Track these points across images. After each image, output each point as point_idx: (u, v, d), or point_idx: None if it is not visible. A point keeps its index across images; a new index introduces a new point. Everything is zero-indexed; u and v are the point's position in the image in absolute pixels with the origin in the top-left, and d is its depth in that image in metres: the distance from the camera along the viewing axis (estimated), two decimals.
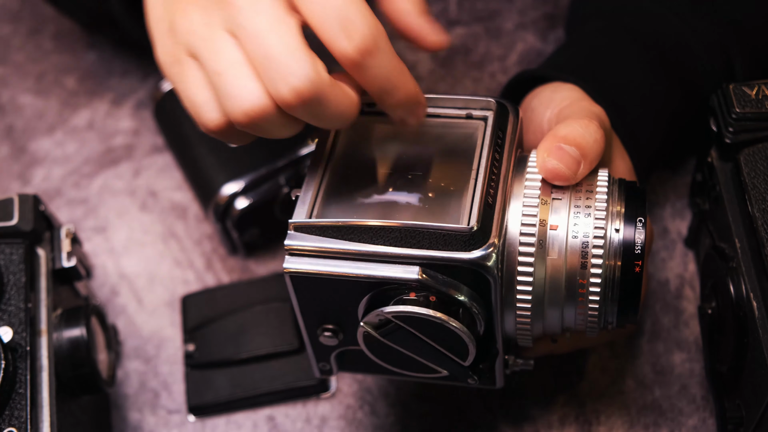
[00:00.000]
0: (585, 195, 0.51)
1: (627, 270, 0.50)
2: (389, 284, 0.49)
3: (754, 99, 0.59)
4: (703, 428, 0.61)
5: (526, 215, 0.50)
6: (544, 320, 0.52)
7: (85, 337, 0.57)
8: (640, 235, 0.50)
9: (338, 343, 0.53)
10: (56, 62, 0.84)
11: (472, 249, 0.48)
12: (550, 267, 0.50)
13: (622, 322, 0.52)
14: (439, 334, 0.49)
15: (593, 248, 0.50)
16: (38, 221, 0.60)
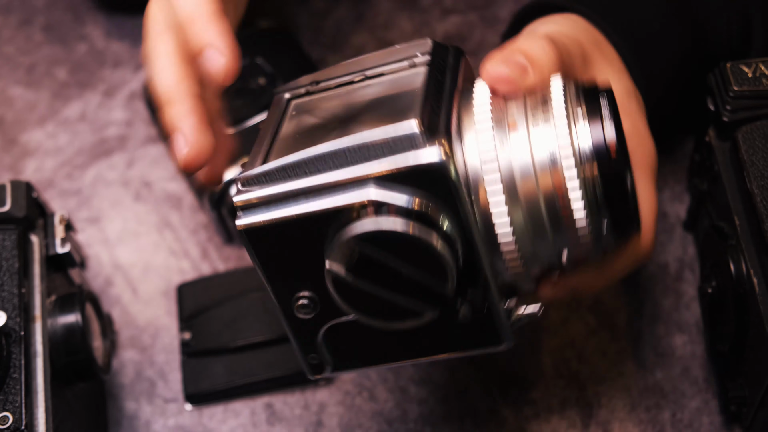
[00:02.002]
0: (541, 104, 0.47)
1: (605, 166, 0.45)
2: (345, 214, 0.44)
3: (752, 77, 0.58)
4: (705, 410, 0.61)
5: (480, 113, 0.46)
6: (533, 241, 0.47)
7: (80, 323, 0.57)
8: (609, 128, 0.46)
9: (316, 315, 0.48)
10: (47, 54, 0.83)
11: (423, 146, 0.43)
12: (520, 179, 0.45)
13: (621, 234, 0.47)
14: (411, 255, 0.44)
15: (562, 154, 0.45)
16: (31, 208, 0.59)
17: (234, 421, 0.63)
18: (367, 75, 0.52)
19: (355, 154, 0.44)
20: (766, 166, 0.55)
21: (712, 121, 0.60)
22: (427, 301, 0.46)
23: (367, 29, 0.81)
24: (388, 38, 0.81)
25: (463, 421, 0.62)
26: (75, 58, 0.83)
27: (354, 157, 0.45)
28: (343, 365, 0.51)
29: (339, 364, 0.50)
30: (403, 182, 0.44)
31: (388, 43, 0.80)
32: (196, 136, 0.50)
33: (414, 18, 0.82)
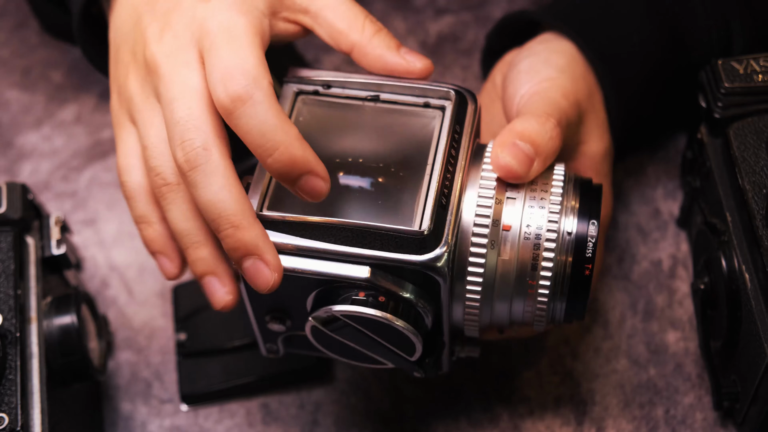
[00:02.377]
0: (540, 193, 0.51)
1: (577, 270, 0.50)
2: (339, 282, 0.49)
3: (743, 74, 0.59)
4: (699, 406, 0.61)
5: (480, 215, 0.50)
6: (492, 313, 0.52)
7: (75, 324, 0.57)
8: (592, 234, 0.50)
9: (285, 329, 0.54)
10: (42, 56, 0.83)
11: (424, 252, 0.48)
12: (501, 265, 0.50)
13: (570, 319, 0.52)
14: (387, 332, 0.50)
15: (545, 249, 0.50)
16: (27, 209, 0.60)
17: (230, 421, 0.63)
18: (381, 98, 0.53)
19: (360, 235, 0.48)
20: (757, 163, 0.56)
21: (704, 118, 0.60)
22: (390, 359, 0.52)
23: None
24: None
25: (458, 420, 0.62)
26: (70, 60, 0.83)
27: (358, 238, 0.48)
28: (294, 348, 0.57)
29: (290, 349, 0.57)
30: (397, 271, 0.48)
31: None
32: None
33: (408, 18, 0.82)
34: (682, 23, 0.63)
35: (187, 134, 0.47)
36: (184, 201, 0.50)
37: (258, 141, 0.47)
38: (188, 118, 0.48)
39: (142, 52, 0.51)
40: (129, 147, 0.53)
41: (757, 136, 0.56)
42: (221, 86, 0.47)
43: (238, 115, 0.47)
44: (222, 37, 0.49)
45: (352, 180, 0.51)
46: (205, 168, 0.47)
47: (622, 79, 0.62)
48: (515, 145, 0.51)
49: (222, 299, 0.51)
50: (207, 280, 0.51)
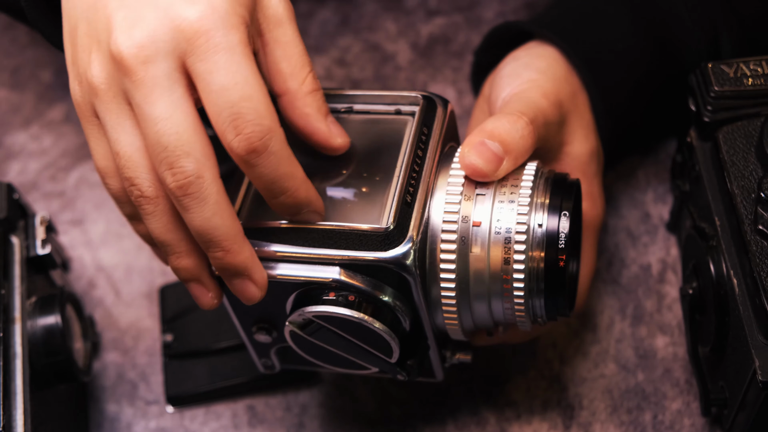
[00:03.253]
0: (510, 189, 0.51)
1: (551, 263, 0.50)
2: (311, 284, 0.49)
3: (733, 77, 0.58)
4: (687, 412, 0.61)
5: (448, 212, 0.50)
6: (473, 314, 0.52)
7: (59, 324, 0.57)
8: (564, 227, 0.50)
9: (273, 340, 0.54)
10: (32, 56, 0.83)
11: (389, 248, 0.48)
12: (473, 262, 0.50)
13: (553, 315, 0.52)
14: (362, 333, 0.50)
15: (515, 243, 0.50)
16: (12, 209, 0.59)
17: (215, 423, 0.63)
18: (354, 109, 0.55)
19: (328, 237, 0.49)
20: (746, 167, 0.55)
21: (694, 122, 0.60)
22: (371, 362, 0.52)
23: (352, 31, 0.81)
24: (373, 40, 0.81)
25: (445, 423, 0.62)
26: (60, 60, 0.83)
27: (326, 239, 0.49)
28: (289, 365, 0.57)
29: (286, 364, 0.57)
30: (367, 272, 0.49)
31: (373, 45, 0.80)
32: None
33: (399, 20, 0.82)
34: (670, 31, 0.63)
35: (177, 162, 0.45)
36: (164, 213, 0.48)
37: (268, 186, 0.47)
38: (177, 143, 0.45)
39: (107, 41, 0.47)
40: (102, 148, 0.50)
41: (746, 140, 0.56)
42: (232, 133, 0.45)
43: (252, 164, 0.46)
44: (219, 59, 0.45)
45: (327, 189, 0.52)
46: (198, 195, 0.46)
47: (607, 85, 0.62)
48: (483, 144, 0.51)
49: (207, 303, 0.51)
50: (191, 285, 0.50)
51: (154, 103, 0.46)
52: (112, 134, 0.48)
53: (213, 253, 0.47)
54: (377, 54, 0.80)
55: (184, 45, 0.46)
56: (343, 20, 0.82)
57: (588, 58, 0.61)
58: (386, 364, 0.52)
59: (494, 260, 0.50)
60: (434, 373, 0.55)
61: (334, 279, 0.48)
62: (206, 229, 0.46)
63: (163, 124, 0.45)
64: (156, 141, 0.45)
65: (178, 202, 0.46)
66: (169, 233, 0.48)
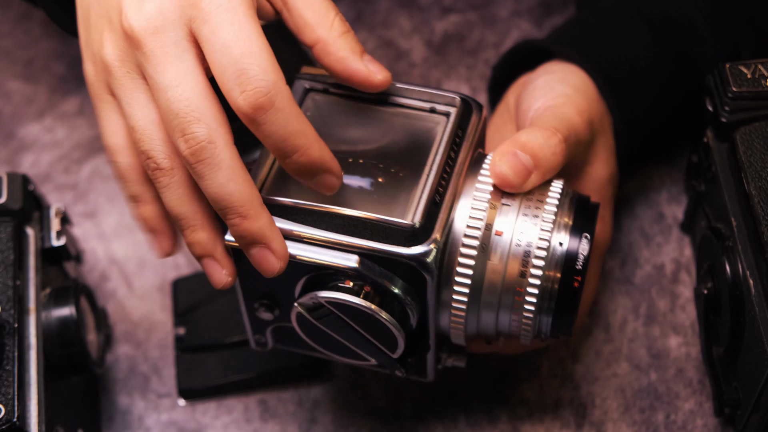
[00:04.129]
0: (535, 204, 0.51)
1: (566, 283, 0.50)
2: (327, 269, 0.49)
3: (751, 78, 0.58)
4: (699, 412, 0.61)
5: (473, 218, 0.50)
6: (479, 322, 0.52)
7: (74, 316, 0.57)
8: (583, 250, 0.50)
9: (273, 318, 0.54)
10: (45, 48, 0.83)
11: (412, 245, 0.48)
12: (489, 271, 0.50)
13: (556, 334, 0.52)
14: (370, 325, 0.50)
15: (534, 258, 0.50)
16: (27, 200, 0.59)
17: (227, 417, 0.63)
18: (388, 101, 0.54)
19: (352, 224, 0.48)
20: (764, 168, 0.55)
21: (711, 122, 0.60)
22: (373, 354, 0.52)
23: (367, 28, 0.81)
24: (387, 37, 0.80)
25: (457, 420, 0.61)
26: (73, 52, 0.83)
27: (350, 227, 0.48)
28: (282, 344, 0.57)
29: (278, 342, 0.57)
30: (385, 263, 0.48)
31: (387, 41, 0.80)
32: None
33: (413, 16, 0.82)
34: (688, 45, 0.63)
35: (189, 127, 0.46)
36: (180, 185, 0.48)
37: (278, 145, 0.46)
38: (188, 110, 0.46)
39: (118, 19, 0.49)
40: (114, 125, 0.51)
41: (764, 141, 0.56)
42: (237, 90, 0.45)
43: (260, 122, 0.46)
44: (222, 19, 0.46)
45: (352, 177, 0.51)
46: (211, 161, 0.46)
47: (627, 102, 0.61)
48: (515, 155, 0.51)
49: (221, 280, 0.50)
50: (205, 261, 0.50)
51: (165, 72, 0.46)
52: (127, 109, 0.49)
53: (230, 220, 0.47)
54: (391, 51, 0.80)
55: (189, 11, 0.47)
56: (358, 16, 0.82)
57: (609, 76, 0.61)
58: (387, 359, 0.52)
59: (510, 272, 0.50)
60: (426, 373, 0.55)
61: (352, 268, 0.48)
62: (222, 195, 0.46)
63: (173, 92, 0.46)
64: (167, 108, 0.46)
65: (192, 170, 0.47)
66: (185, 206, 0.48)
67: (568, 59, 0.62)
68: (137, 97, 0.49)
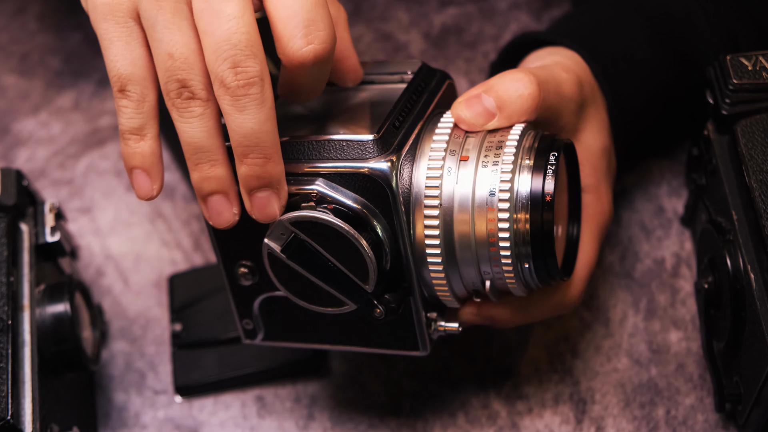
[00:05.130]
0: (494, 152, 0.50)
1: (536, 220, 0.49)
2: (292, 198, 0.49)
3: (751, 70, 0.58)
4: (700, 407, 0.60)
5: (437, 141, 0.50)
6: (459, 269, 0.51)
7: (68, 312, 0.56)
8: (548, 186, 0.49)
9: (254, 284, 0.53)
10: (41, 42, 0.83)
11: (371, 158, 0.48)
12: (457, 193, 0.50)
13: (545, 280, 0.51)
14: (338, 249, 0.49)
15: (500, 196, 0.49)
16: (21, 196, 0.59)
17: (224, 413, 0.63)
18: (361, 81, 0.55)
19: (313, 151, 0.49)
20: (765, 161, 0.55)
21: (711, 115, 0.60)
22: (348, 293, 0.50)
23: (365, 21, 0.81)
24: (385, 30, 0.80)
25: (456, 416, 0.61)
26: (69, 46, 0.82)
27: (311, 153, 0.49)
28: (273, 336, 0.56)
29: (270, 334, 0.56)
30: (348, 185, 0.49)
31: (386, 34, 0.80)
32: None
33: (411, 9, 0.81)
34: (688, 41, 0.63)
35: (245, 61, 0.45)
36: (211, 117, 0.47)
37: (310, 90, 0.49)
38: (247, 44, 0.45)
39: None
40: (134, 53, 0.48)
41: (765, 133, 0.56)
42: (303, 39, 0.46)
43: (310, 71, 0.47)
44: None
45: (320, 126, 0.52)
46: (259, 97, 0.46)
47: (623, 93, 0.61)
48: (477, 98, 0.51)
49: (230, 219, 0.50)
50: (216, 198, 0.49)
51: (228, 2, 0.46)
52: (166, 35, 0.47)
53: (254, 160, 0.47)
54: (389, 44, 0.79)
55: None
56: (356, 9, 0.82)
57: (605, 67, 0.60)
58: (363, 296, 0.50)
59: (479, 223, 0.50)
60: (417, 345, 0.53)
61: (316, 190, 0.49)
62: (258, 133, 0.46)
63: (235, 23, 0.46)
64: (226, 38, 0.45)
65: (235, 103, 0.46)
66: (212, 138, 0.48)
67: (564, 46, 0.61)
68: (179, 23, 0.47)
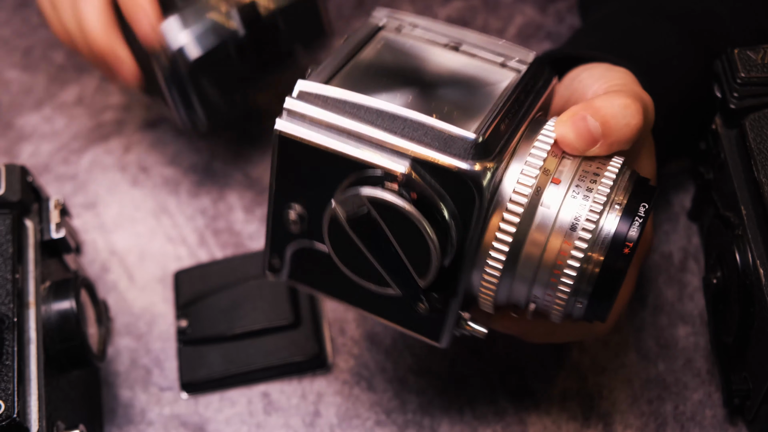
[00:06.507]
0: (591, 177, 0.48)
1: (608, 266, 0.47)
2: (375, 170, 0.47)
3: (760, 63, 0.57)
4: (708, 402, 0.60)
5: (532, 158, 0.48)
6: (512, 283, 0.49)
7: (74, 309, 0.56)
8: (633, 233, 0.47)
9: (299, 231, 0.51)
10: (44, 37, 0.82)
11: (470, 159, 0.45)
12: (529, 242, 0.47)
13: (590, 317, 0.49)
14: (408, 238, 0.47)
15: (581, 231, 0.47)
16: (26, 192, 0.59)
17: (230, 410, 0.62)
18: (460, 49, 0.52)
19: (411, 129, 0.46)
20: None
21: (719, 109, 0.59)
22: (400, 281, 0.49)
23: (368, 14, 0.80)
24: None
25: (463, 412, 0.61)
26: None
27: (409, 131, 0.46)
28: (297, 278, 0.54)
29: (294, 276, 0.54)
30: (438, 175, 0.46)
31: None
32: None
33: (416, 2, 0.81)
34: (715, 39, 0.62)
35: None
36: None
37: None
38: None
39: None
40: None
41: None
42: None
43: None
44: None
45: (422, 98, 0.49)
46: None
47: (666, 102, 0.58)
48: (584, 119, 0.48)
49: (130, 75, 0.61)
50: None
51: None
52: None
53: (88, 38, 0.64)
54: None
55: None
56: (360, 2, 0.81)
57: (646, 72, 0.58)
58: (413, 287, 0.49)
59: (552, 246, 0.47)
60: (441, 335, 0.52)
61: (401, 172, 0.46)
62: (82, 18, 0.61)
63: None
64: None
65: None
66: (72, 24, 0.63)
67: (601, 60, 0.58)
68: None
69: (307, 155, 0.48)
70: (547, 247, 0.47)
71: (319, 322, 0.64)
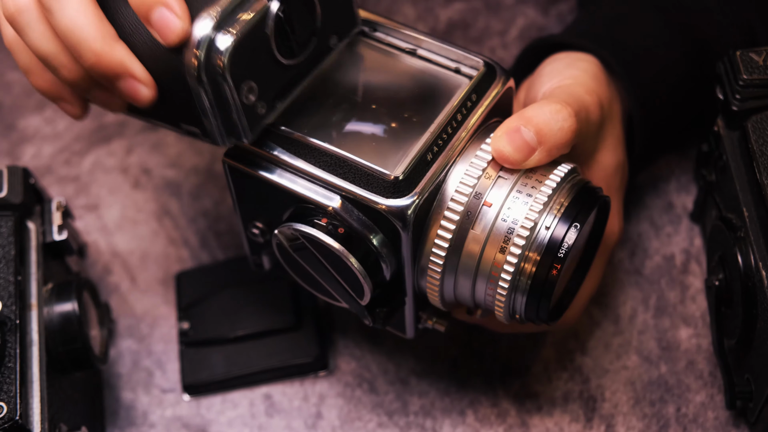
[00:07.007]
0: (533, 182, 0.50)
1: (543, 268, 0.49)
2: (309, 203, 0.50)
3: (762, 65, 0.57)
4: (711, 404, 0.60)
5: (464, 183, 0.50)
6: (455, 288, 0.51)
7: (76, 311, 0.56)
8: (569, 239, 0.48)
9: (264, 243, 0.55)
10: None
11: (391, 197, 0.48)
12: (470, 240, 0.49)
13: (531, 318, 0.51)
14: (340, 267, 0.50)
15: (516, 236, 0.48)
16: (28, 194, 0.59)
17: (232, 411, 0.62)
18: (417, 53, 0.54)
19: (339, 167, 0.49)
20: None
21: (721, 111, 0.59)
22: (344, 298, 0.52)
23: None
24: None
25: (465, 414, 0.61)
26: None
27: (338, 168, 0.49)
28: (279, 272, 0.57)
29: (276, 270, 0.57)
30: (364, 210, 0.49)
31: None
32: None
33: (418, 4, 0.80)
34: (704, 33, 0.62)
35: None
36: (39, 22, 0.48)
37: None
38: None
39: None
40: None
41: None
42: None
43: None
44: None
45: (365, 124, 0.51)
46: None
47: (647, 91, 0.60)
48: (518, 131, 0.49)
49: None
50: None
51: None
52: None
53: (85, 57, 0.47)
54: None
55: None
56: (362, 4, 0.81)
57: (622, 58, 0.60)
58: (356, 304, 0.52)
59: (490, 246, 0.49)
60: (405, 329, 0.55)
61: (333, 207, 0.49)
62: (71, 30, 0.46)
63: None
64: None
65: (43, 7, 0.47)
66: (49, 43, 0.48)
67: (577, 48, 0.61)
68: None
69: (254, 184, 0.51)
70: (487, 245, 0.49)
71: (321, 323, 0.64)
